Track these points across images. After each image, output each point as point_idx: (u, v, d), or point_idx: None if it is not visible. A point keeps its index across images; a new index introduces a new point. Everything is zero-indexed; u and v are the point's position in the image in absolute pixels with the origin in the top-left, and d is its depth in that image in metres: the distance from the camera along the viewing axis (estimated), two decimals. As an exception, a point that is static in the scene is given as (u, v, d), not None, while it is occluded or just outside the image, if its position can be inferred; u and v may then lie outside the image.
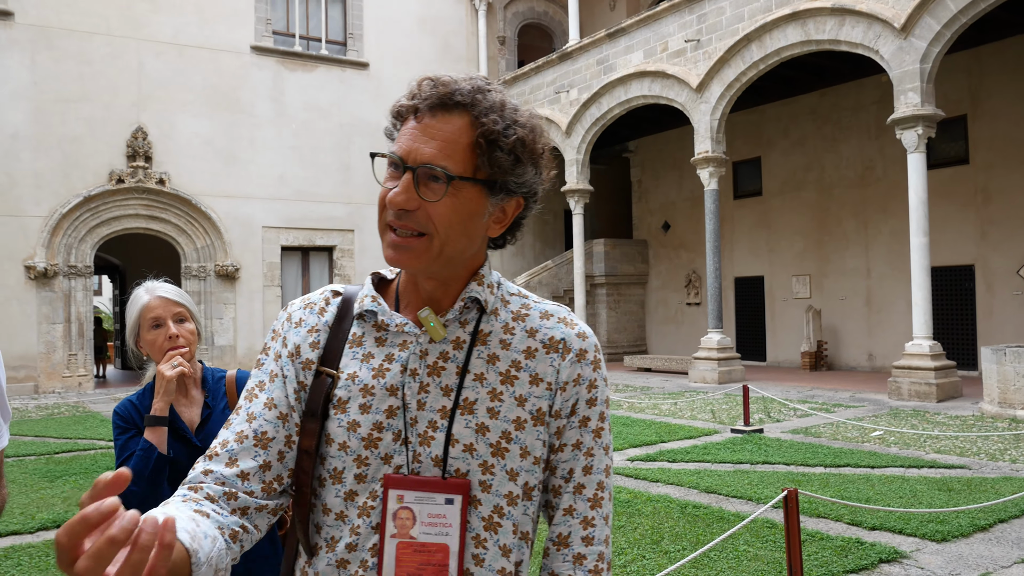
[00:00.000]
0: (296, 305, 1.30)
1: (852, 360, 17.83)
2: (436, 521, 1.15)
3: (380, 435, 1.17)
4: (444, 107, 1.14)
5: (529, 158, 1.18)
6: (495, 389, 1.20)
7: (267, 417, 1.20)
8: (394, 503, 1.16)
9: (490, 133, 1.13)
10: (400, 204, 1.12)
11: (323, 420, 1.20)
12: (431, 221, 1.13)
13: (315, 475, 1.21)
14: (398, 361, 1.20)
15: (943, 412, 10.84)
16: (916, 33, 12.11)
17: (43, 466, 8.36)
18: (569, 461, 1.24)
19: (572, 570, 1.22)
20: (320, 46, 20.42)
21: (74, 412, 13.31)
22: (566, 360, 1.23)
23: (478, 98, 1.14)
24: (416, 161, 1.12)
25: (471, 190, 1.15)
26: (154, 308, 2.30)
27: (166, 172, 17.79)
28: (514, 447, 1.18)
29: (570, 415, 1.23)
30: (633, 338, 22.54)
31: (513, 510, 1.19)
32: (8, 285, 16.32)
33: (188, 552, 0.98)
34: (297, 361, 1.23)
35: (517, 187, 1.19)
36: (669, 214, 22.45)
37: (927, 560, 4.85)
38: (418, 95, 1.16)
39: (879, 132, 16.97)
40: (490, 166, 1.14)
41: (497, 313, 1.25)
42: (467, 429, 1.17)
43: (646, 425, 10.39)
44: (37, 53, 16.68)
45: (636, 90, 17.23)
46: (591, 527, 1.24)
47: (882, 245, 17.27)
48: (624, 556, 4.99)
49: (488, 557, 1.17)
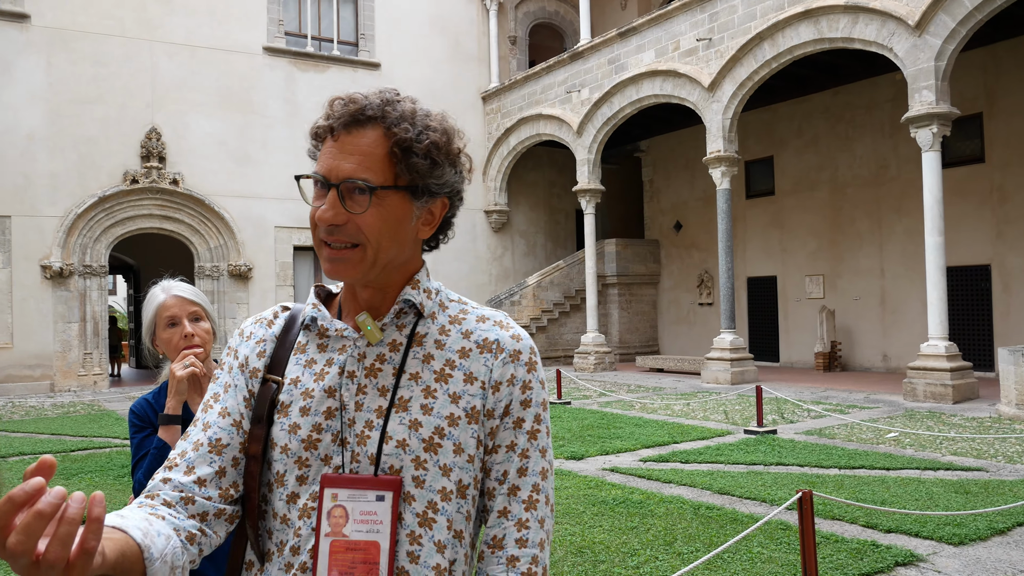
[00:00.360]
0: (248, 321, 1.37)
1: (866, 361, 17.73)
2: (368, 519, 1.17)
3: (319, 436, 1.21)
4: (357, 123, 1.19)
5: (446, 159, 1.23)
6: (429, 387, 1.23)
7: (221, 425, 1.24)
8: (329, 501, 1.18)
9: (403, 141, 1.18)
10: (329, 220, 1.18)
11: (268, 426, 1.24)
12: (361, 232, 1.18)
13: (264, 481, 1.24)
14: (336, 364, 1.25)
15: (959, 413, 10.76)
16: (931, 30, 12.03)
17: (59, 464, 8.37)
18: (503, 463, 1.25)
19: (505, 572, 1.22)
20: (332, 47, 20.47)
21: (89, 410, 13.38)
22: (499, 360, 1.25)
23: (387, 110, 1.19)
24: (338, 177, 1.18)
25: (395, 197, 1.20)
26: (170, 307, 2.31)
27: (180, 172, 17.87)
28: (447, 443, 1.20)
29: (504, 416, 1.25)
30: (645, 338, 22.48)
31: (447, 506, 1.20)
32: (25, 284, 16.44)
33: (140, 547, 1.00)
34: (246, 371, 1.29)
35: (439, 188, 1.24)
36: (681, 214, 22.38)
37: (944, 563, 4.81)
38: (332, 115, 1.21)
39: (893, 130, 16.86)
40: (408, 172, 1.20)
41: (435, 317, 1.29)
42: (400, 426, 1.20)
43: (658, 426, 10.36)
44: (53, 55, 16.79)
45: (648, 89, 17.18)
46: (525, 529, 1.23)
47: (896, 245, 17.16)
48: (637, 557, 4.97)
49: (423, 554, 1.18)
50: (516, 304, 20.50)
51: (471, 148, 13.51)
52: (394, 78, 20.87)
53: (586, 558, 5.00)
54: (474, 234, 22.30)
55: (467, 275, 21.97)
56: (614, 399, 13.39)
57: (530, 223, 23.48)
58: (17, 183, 16.39)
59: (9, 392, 16.08)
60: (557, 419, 11.05)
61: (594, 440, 9.30)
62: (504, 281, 22.67)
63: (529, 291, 20.70)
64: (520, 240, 23.25)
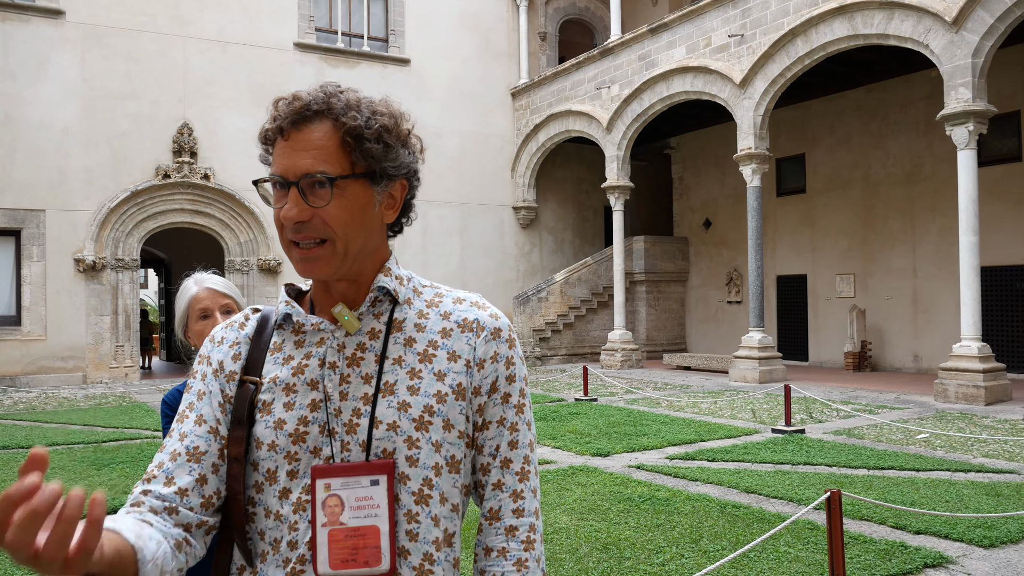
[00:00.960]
0: (218, 327, 1.36)
1: (897, 361, 17.51)
2: (364, 504, 1.18)
3: (306, 429, 1.21)
4: (305, 119, 1.19)
5: (397, 141, 1.24)
6: (414, 368, 1.25)
7: (198, 433, 1.24)
8: (322, 492, 1.18)
9: (354, 129, 1.19)
10: (294, 218, 1.18)
11: (249, 427, 1.24)
12: (327, 226, 1.19)
13: (250, 483, 1.24)
14: (316, 356, 1.25)
15: (991, 415, 10.60)
16: (968, 27, 11.83)
17: (91, 454, 8.53)
18: (495, 438, 1.29)
19: (505, 542, 1.27)
20: (362, 43, 20.56)
21: (121, 402, 13.56)
22: (480, 338, 1.28)
23: (332, 102, 1.20)
24: (295, 174, 1.18)
25: (355, 186, 1.21)
26: (202, 299, 2.33)
27: (211, 167, 18.05)
28: (437, 419, 1.22)
29: (491, 392, 1.28)
30: (672, 336, 22.37)
31: (440, 480, 1.23)
32: (59, 277, 16.69)
33: (134, 548, 1.03)
34: (221, 376, 1.29)
35: (396, 171, 1.25)
36: (710, 211, 22.24)
37: (974, 566, 4.74)
38: (278, 116, 1.21)
39: (928, 128, 16.63)
40: (364, 158, 1.21)
41: (411, 302, 1.31)
42: (389, 409, 1.21)
43: (685, 424, 10.31)
44: (87, 51, 17.02)
45: (678, 86, 17.08)
46: (521, 499, 1.28)
47: (930, 244, 16.93)
48: (663, 554, 4.95)
49: (421, 531, 1.21)
50: (543, 301, 20.48)
51: (500, 145, 13.69)
52: (424, 74, 20.93)
53: (611, 554, 4.98)
54: (502, 230, 22.31)
55: (494, 271, 21.99)
56: (641, 396, 13.34)
57: (558, 220, 23.44)
58: (52, 178, 16.65)
59: (43, 383, 16.34)
60: (583, 416, 11.03)
61: (620, 437, 9.27)
62: (532, 277, 22.65)
63: (556, 287, 20.67)
64: (548, 236, 23.22)
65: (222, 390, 1.28)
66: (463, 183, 21.56)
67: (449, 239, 21.28)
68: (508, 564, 1.25)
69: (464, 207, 21.53)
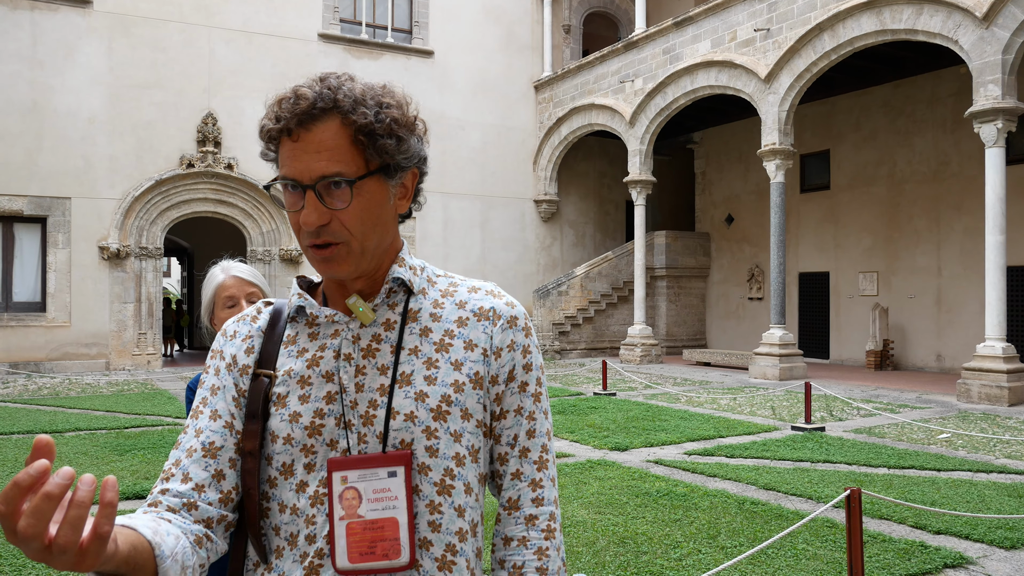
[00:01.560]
0: (230, 322, 1.34)
1: (919, 360, 17.35)
2: (382, 496, 1.16)
3: (322, 422, 1.20)
4: (312, 118, 1.15)
5: (407, 132, 1.21)
6: (430, 358, 1.23)
7: (213, 428, 1.23)
8: (339, 485, 1.17)
9: (365, 127, 1.16)
10: (314, 223, 1.15)
11: (264, 421, 1.22)
12: (345, 228, 1.17)
13: (265, 477, 1.22)
14: (330, 348, 1.24)
15: (1015, 416, 10.48)
16: (999, 22, 11.68)
17: (113, 440, 8.63)
18: (513, 427, 1.28)
19: (525, 531, 1.26)
20: (386, 34, 20.58)
21: (143, 389, 13.70)
22: (497, 326, 1.27)
23: (339, 98, 1.16)
24: (311, 178, 1.15)
25: (371, 184, 1.19)
26: (228, 287, 2.34)
27: (234, 157, 18.15)
28: (455, 409, 1.21)
29: (508, 381, 1.27)
30: (692, 332, 22.29)
31: (462, 471, 1.21)
32: (83, 264, 16.87)
33: (151, 545, 1.01)
34: (235, 370, 1.27)
35: (408, 161, 1.23)
36: (733, 207, 22.11)
37: (994, 567, 4.70)
38: (282, 115, 1.17)
39: (955, 126, 16.43)
40: (379, 155, 1.18)
41: (425, 292, 1.29)
42: (407, 400, 1.20)
43: (704, 419, 10.27)
44: (114, 40, 17.16)
45: (702, 80, 16.97)
46: (540, 488, 1.28)
47: (955, 243, 16.74)
48: (680, 550, 4.94)
49: (444, 521, 1.20)
50: (563, 294, 20.46)
51: (523, 138, 13.67)
52: (447, 66, 20.93)
53: (628, 548, 4.98)
54: (523, 223, 22.29)
55: (514, 264, 21.98)
56: (660, 391, 13.30)
57: (579, 213, 23.39)
58: (78, 166, 16.82)
59: (66, 369, 16.54)
60: (602, 410, 11.02)
61: (639, 432, 9.25)
62: (552, 271, 22.63)
63: (577, 281, 20.64)
64: (569, 230, 23.18)
65: (236, 384, 1.27)
66: (485, 176, 21.55)
67: (470, 232, 21.29)
68: (529, 553, 1.25)
69: (485, 200, 21.53)
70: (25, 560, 4.72)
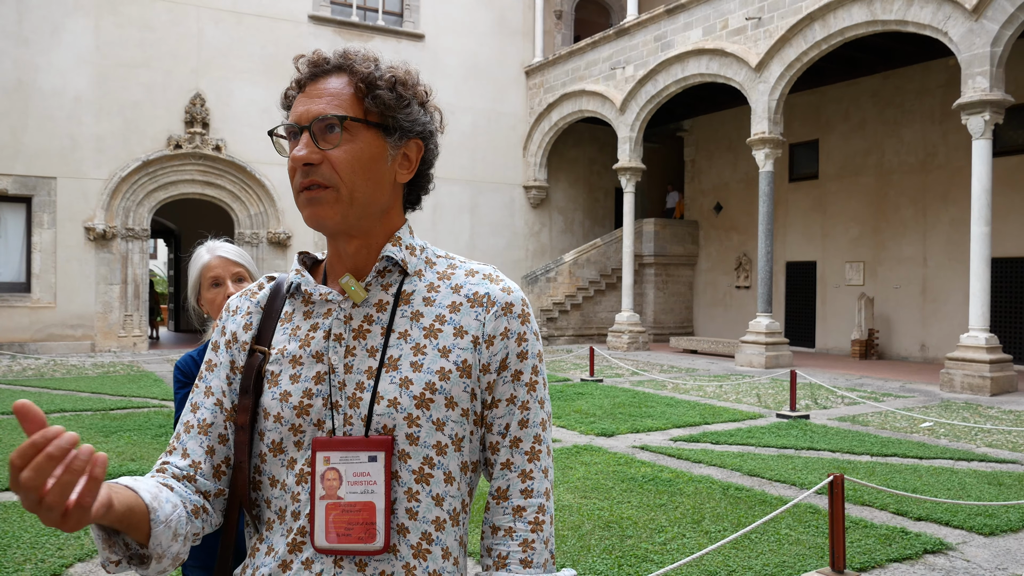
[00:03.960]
0: (234, 297, 1.37)
1: (904, 350, 17.49)
2: (361, 480, 1.17)
3: (311, 402, 1.21)
4: (324, 72, 1.22)
5: (412, 95, 1.24)
6: (419, 344, 1.22)
7: (207, 405, 1.28)
8: (321, 465, 1.18)
9: (367, 76, 1.21)
10: (303, 158, 1.18)
11: (256, 396, 1.25)
12: (335, 171, 1.19)
13: (257, 451, 1.25)
14: (322, 328, 1.25)
15: (996, 406, 10.59)
16: (988, 15, 11.72)
17: (99, 421, 8.61)
18: (504, 416, 1.26)
19: (512, 522, 1.24)
20: (376, 17, 20.47)
21: (129, 371, 13.65)
22: (491, 313, 1.25)
23: (351, 57, 1.23)
24: (308, 119, 1.19)
25: (366, 133, 1.21)
26: (214, 267, 2.34)
27: (222, 139, 18.04)
28: (439, 397, 1.20)
29: (500, 369, 1.25)
30: (680, 319, 22.37)
31: (443, 459, 1.21)
32: (69, 245, 16.76)
33: (148, 508, 1.08)
34: (234, 346, 1.30)
35: (410, 125, 1.24)
36: (722, 195, 22.15)
37: (973, 553, 4.76)
38: (299, 71, 1.25)
39: (943, 117, 16.50)
40: (376, 106, 1.21)
41: (421, 274, 1.28)
42: (391, 385, 1.20)
43: (690, 406, 10.33)
44: (101, 18, 16.99)
45: (693, 68, 16.97)
46: (529, 480, 1.26)
47: (941, 234, 16.85)
48: (664, 534, 4.98)
49: (421, 509, 1.19)
50: (552, 281, 20.48)
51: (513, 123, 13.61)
52: (438, 50, 20.83)
53: (613, 532, 5.02)
54: (512, 209, 22.27)
55: (504, 250, 21.97)
56: (646, 378, 13.36)
57: (569, 200, 23.39)
58: (64, 145, 16.67)
59: (51, 351, 16.46)
60: (589, 396, 11.07)
61: (625, 418, 9.30)
62: (541, 257, 22.64)
63: (565, 268, 20.66)
64: (558, 217, 23.18)
65: (232, 361, 1.29)
66: (475, 161, 21.50)
67: (459, 217, 21.26)
68: (514, 544, 1.23)
69: (475, 185, 21.49)
70: (34, 541, 4.72)
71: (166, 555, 1.11)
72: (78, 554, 4.48)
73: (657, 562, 4.49)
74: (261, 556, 1.23)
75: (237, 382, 1.28)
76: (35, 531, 4.85)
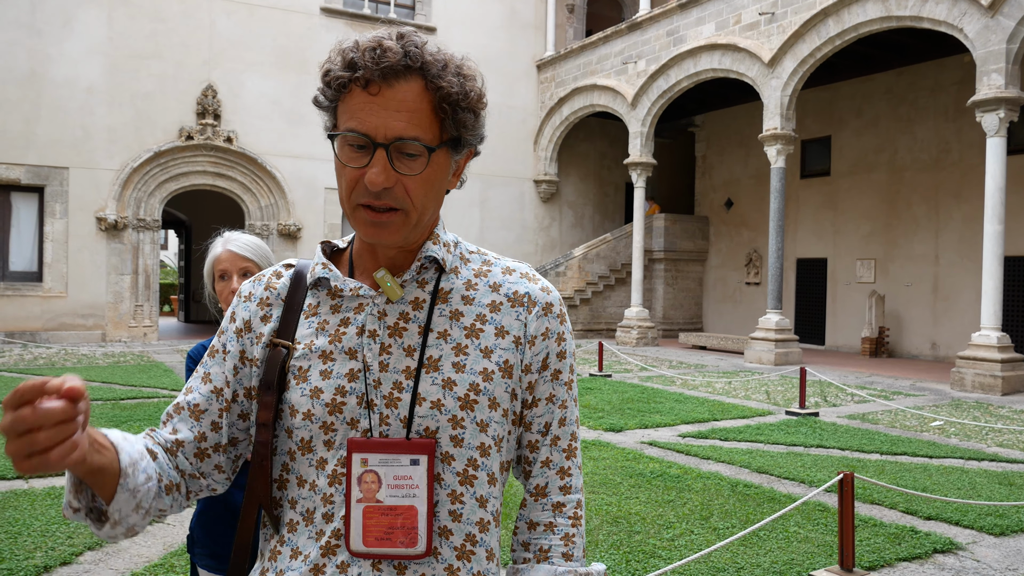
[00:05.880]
0: (247, 283, 1.30)
1: (914, 348, 17.41)
2: (402, 483, 1.14)
3: (344, 399, 1.16)
4: (396, 74, 1.09)
5: (482, 109, 1.19)
6: (460, 344, 1.19)
7: (201, 391, 1.24)
8: (358, 467, 1.14)
9: (450, 96, 1.11)
10: (381, 184, 1.09)
11: (279, 393, 1.19)
12: (408, 196, 1.12)
13: (284, 449, 1.21)
14: (354, 324, 1.19)
15: (1007, 406, 10.54)
16: (1004, 11, 11.63)
17: (109, 411, 8.64)
18: (544, 415, 1.26)
19: (552, 517, 1.25)
20: (388, 9, 20.45)
21: (139, 361, 13.71)
22: (532, 314, 1.24)
23: (428, 59, 1.11)
24: (387, 137, 1.09)
25: (442, 155, 1.15)
26: (222, 261, 2.35)
27: (234, 130, 18.07)
28: (483, 398, 1.18)
29: (541, 369, 1.25)
30: (689, 315, 22.33)
31: (486, 460, 1.19)
32: (80, 235, 16.83)
33: (120, 472, 1.07)
34: (246, 336, 1.24)
35: (474, 140, 1.20)
36: (732, 191, 22.08)
37: (983, 553, 4.74)
38: (363, 64, 1.09)
39: (957, 114, 16.40)
40: (455, 128, 1.14)
41: (457, 271, 1.25)
42: (433, 386, 1.16)
43: (699, 402, 10.31)
44: (113, 9, 17.02)
45: (705, 63, 16.90)
46: (568, 476, 1.27)
47: (953, 232, 16.75)
48: (672, 530, 4.97)
49: (466, 511, 1.17)
50: (561, 275, 20.47)
51: (523, 117, 13.60)
52: (450, 43, 20.38)
53: (621, 528, 5.01)
54: (522, 203, 22.25)
55: (513, 244, 21.96)
56: (655, 374, 13.34)
57: (579, 194, 23.35)
58: (76, 135, 16.73)
59: (62, 340, 16.54)
60: (597, 391, 11.06)
61: (633, 413, 9.29)
62: (550, 251, 22.63)
63: (575, 263, 20.64)
64: (568, 211, 23.15)
65: (242, 351, 1.24)
66: (484, 154, 20.61)
67: (469, 210, 21.24)
68: (556, 538, 1.24)
69: (484, 178, 21.46)
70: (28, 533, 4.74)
71: (122, 522, 1.09)
72: (88, 543, 4.51)
73: (665, 558, 4.48)
74: (285, 560, 1.18)
75: (248, 374, 1.24)
76: (45, 519, 4.87)
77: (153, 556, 4.39)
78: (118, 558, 4.34)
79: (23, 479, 5.84)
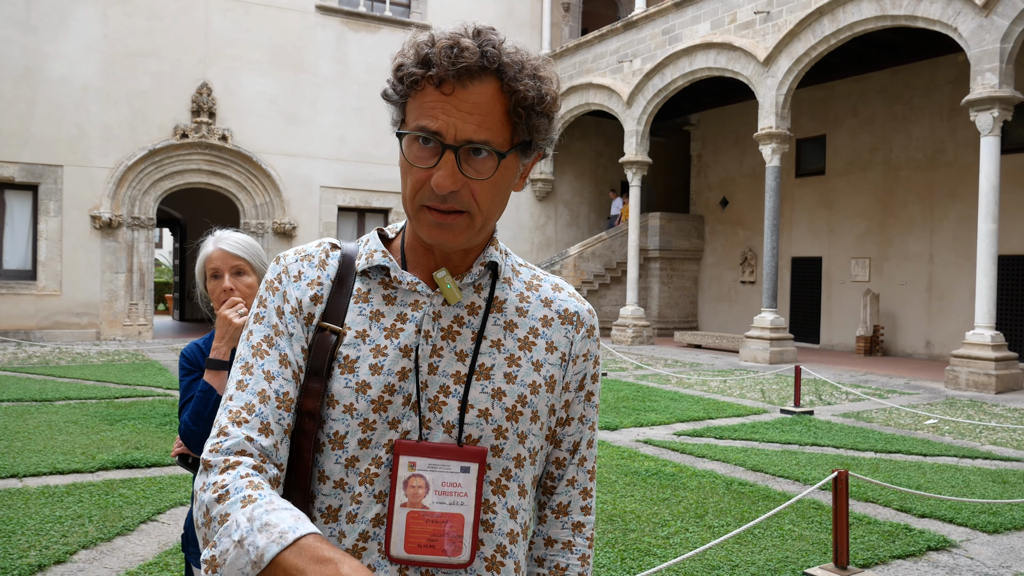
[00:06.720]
0: (291, 258, 1.22)
1: (909, 347, 17.46)
2: (450, 490, 1.11)
3: (391, 398, 1.12)
4: (471, 75, 1.05)
5: (557, 111, 1.14)
6: (513, 355, 1.18)
7: (286, 376, 1.12)
8: (405, 471, 1.10)
9: (525, 100, 1.07)
10: (448, 187, 1.05)
11: (326, 380, 1.13)
12: (474, 199, 1.08)
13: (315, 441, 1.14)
14: (412, 321, 1.15)
15: (1001, 404, 10.57)
16: (999, 11, 11.65)
17: (103, 409, 8.62)
18: (575, 434, 1.28)
19: (572, 536, 1.28)
20: (384, 7, 20.42)
21: (133, 360, 13.68)
22: (579, 334, 1.25)
23: (505, 61, 1.07)
24: (458, 139, 1.05)
25: (511, 159, 1.11)
26: (214, 259, 2.34)
27: (229, 129, 18.04)
28: (527, 411, 1.17)
29: (578, 389, 1.27)
30: (684, 314, 22.35)
31: (520, 472, 1.18)
32: (75, 233, 16.79)
33: None
34: (301, 316, 1.15)
35: (545, 143, 1.16)
36: (728, 190, 22.11)
37: (977, 551, 4.76)
38: (438, 61, 1.05)
39: (952, 113, 16.44)
40: (528, 132, 1.10)
41: (510, 282, 1.23)
42: (483, 394, 1.14)
43: (694, 401, 10.33)
44: (109, 7, 16.98)
45: (701, 62, 16.92)
46: (589, 497, 1.30)
47: (947, 231, 16.80)
48: (667, 528, 4.98)
49: (498, 521, 1.16)
50: (556, 274, 20.44)
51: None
52: (444, 42, 20.72)
53: (616, 526, 5.02)
54: (517, 202, 22.25)
55: (509, 243, 21.95)
56: (650, 372, 13.36)
57: (575, 193, 23.36)
58: (71, 133, 16.69)
59: (57, 338, 16.50)
60: (592, 389, 11.05)
61: (629, 412, 9.30)
62: (546, 250, 22.63)
63: (570, 261, 20.65)
64: (564, 210, 23.16)
65: (303, 333, 1.15)
66: None
67: (464, 209, 21.18)
68: (574, 558, 1.27)
69: (480, 177, 21.40)
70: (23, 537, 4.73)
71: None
72: (82, 541, 4.50)
73: (660, 556, 4.49)
74: None
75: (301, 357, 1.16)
76: (39, 518, 4.87)
77: (148, 554, 4.39)
78: (112, 556, 4.34)
79: (16, 477, 5.83)
